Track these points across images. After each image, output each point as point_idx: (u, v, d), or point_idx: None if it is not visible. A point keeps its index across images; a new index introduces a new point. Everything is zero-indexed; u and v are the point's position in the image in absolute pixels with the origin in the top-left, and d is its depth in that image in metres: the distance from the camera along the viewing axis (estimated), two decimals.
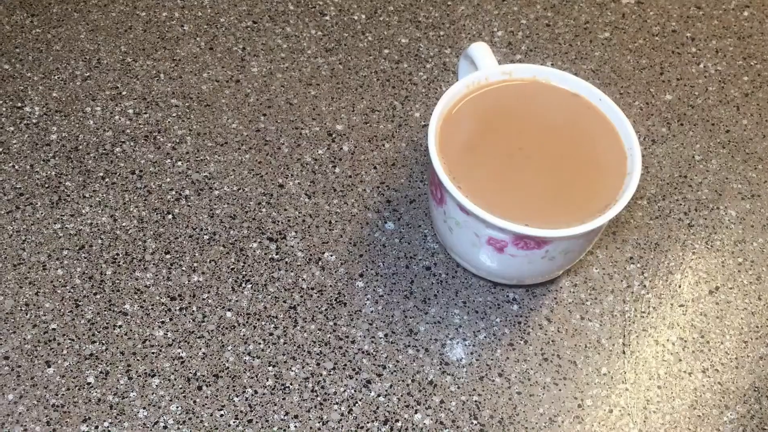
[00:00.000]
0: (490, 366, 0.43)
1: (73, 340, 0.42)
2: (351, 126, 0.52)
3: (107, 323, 0.43)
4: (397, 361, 0.43)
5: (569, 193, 0.40)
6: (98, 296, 0.44)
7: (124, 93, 0.52)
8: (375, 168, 0.50)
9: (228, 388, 0.42)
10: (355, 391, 0.42)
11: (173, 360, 0.42)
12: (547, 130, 0.42)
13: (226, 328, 0.43)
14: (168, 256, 0.45)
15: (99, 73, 0.53)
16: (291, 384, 0.42)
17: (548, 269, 0.42)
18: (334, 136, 0.51)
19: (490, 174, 0.40)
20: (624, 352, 0.44)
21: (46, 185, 0.48)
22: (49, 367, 0.41)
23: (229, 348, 0.43)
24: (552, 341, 0.44)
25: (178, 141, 0.50)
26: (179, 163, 0.49)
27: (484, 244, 0.40)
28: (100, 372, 0.42)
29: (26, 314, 0.43)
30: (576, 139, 0.42)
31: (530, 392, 0.43)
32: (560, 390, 0.43)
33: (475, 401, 0.42)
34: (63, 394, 0.41)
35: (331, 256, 0.46)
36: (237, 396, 0.41)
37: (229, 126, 0.51)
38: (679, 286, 0.47)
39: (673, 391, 0.43)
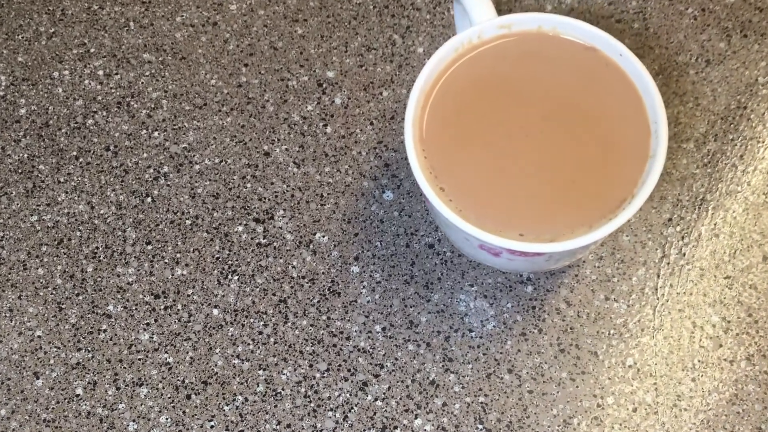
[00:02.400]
0: (499, 361, 0.39)
1: (59, 348, 0.41)
2: (344, 71, 0.45)
3: (92, 327, 0.41)
4: (396, 359, 0.39)
5: (577, 186, 0.33)
6: (81, 297, 0.42)
7: (92, 50, 0.46)
8: (371, 124, 0.44)
9: (217, 396, 0.39)
10: (350, 395, 0.39)
11: (160, 366, 0.40)
12: (554, 100, 0.34)
13: (213, 328, 0.41)
14: (149, 247, 0.42)
15: (64, 27, 0.47)
16: (282, 389, 0.39)
17: (556, 266, 0.36)
18: (324, 86, 0.45)
19: (481, 166, 0.34)
20: (654, 338, 0.39)
21: (20, 170, 0.44)
22: (37, 378, 0.40)
23: (217, 351, 0.40)
24: (570, 328, 0.39)
25: (153, 106, 0.45)
26: (156, 133, 0.44)
27: (477, 248, 0.34)
28: (88, 382, 0.40)
29: (11, 321, 0.41)
30: (588, 109, 0.34)
31: (543, 390, 0.38)
32: (577, 387, 0.38)
33: (481, 403, 0.38)
34: (53, 408, 0.40)
35: (323, 236, 0.42)
36: (227, 405, 0.39)
37: (208, 83, 0.45)
38: (726, 253, 0.40)
39: (709, 384, 0.38)
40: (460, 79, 0.35)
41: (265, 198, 0.43)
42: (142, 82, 0.46)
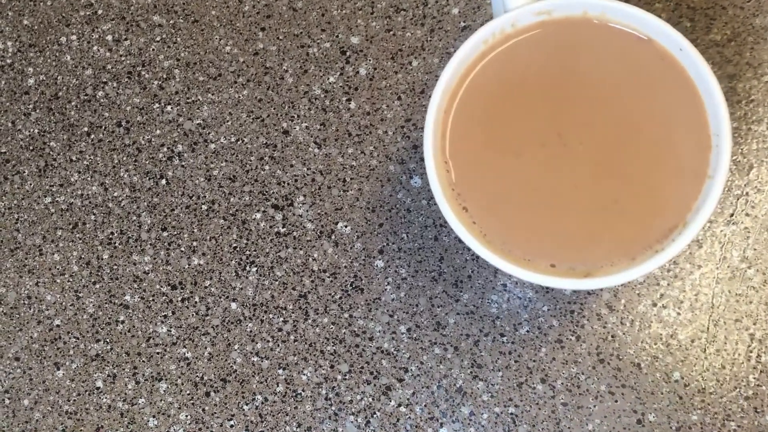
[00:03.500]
0: (532, 369, 0.36)
1: (77, 338, 0.40)
2: (369, 37, 0.40)
3: (109, 318, 0.40)
4: (421, 363, 0.37)
5: (619, 208, 0.29)
6: (97, 286, 0.40)
7: (99, 12, 0.43)
8: (399, 98, 0.39)
9: (237, 394, 0.38)
10: (373, 399, 0.37)
11: (179, 361, 0.39)
12: (599, 102, 0.30)
13: (232, 323, 0.39)
14: (165, 234, 0.40)
15: None
16: (303, 390, 0.38)
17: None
18: (348, 54, 0.40)
19: (511, 181, 0.30)
20: (705, 351, 0.35)
21: (31, 147, 0.42)
22: (58, 369, 0.40)
23: (236, 347, 0.39)
24: (612, 336, 0.36)
25: (165, 77, 0.41)
26: (168, 107, 0.41)
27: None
28: (108, 375, 0.39)
29: (29, 308, 0.40)
30: (638, 114, 0.29)
31: (579, 403, 0.36)
32: (617, 401, 0.35)
33: (511, 414, 0.36)
34: (75, 400, 0.39)
35: (346, 227, 0.39)
36: (246, 404, 0.38)
37: (222, 50, 0.41)
38: None
39: (764, 403, 0.34)
40: (490, 77, 0.30)
41: (284, 182, 0.40)
42: (153, 49, 0.42)
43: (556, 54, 0.30)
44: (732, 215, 0.36)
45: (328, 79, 0.40)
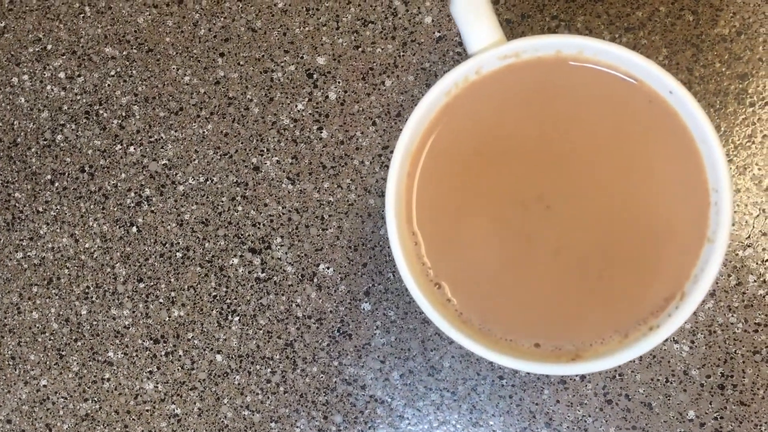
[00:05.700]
0: (535, 413, 0.34)
1: (65, 398, 0.39)
2: (336, 56, 0.36)
3: (95, 376, 0.38)
4: (418, 410, 0.35)
5: (607, 278, 0.26)
6: (79, 343, 0.39)
7: (49, 47, 0.40)
8: (374, 123, 0.36)
9: None
10: None
11: (169, 418, 0.37)
12: (582, 156, 0.26)
13: (219, 376, 0.37)
14: (142, 285, 0.38)
15: (14, 18, 0.40)
16: None
17: None
18: (315, 77, 0.37)
19: (487, 250, 0.27)
20: (722, 387, 0.32)
21: None
22: (50, 431, 0.39)
23: (225, 401, 0.37)
24: (620, 375, 0.33)
25: (124, 115, 0.39)
26: (131, 148, 0.38)
27: None
28: None
29: (15, 369, 0.39)
30: (627, 168, 0.26)
31: None
32: None
33: None
34: None
35: (328, 268, 0.36)
36: None
37: (181, 81, 0.38)
38: None
39: None
40: (458, 132, 0.27)
41: (259, 223, 0.37)
42: (109, 85, 0.39)
43: (530, 102, 0.26)
44: (748, 237, 0.32)
45: (296, 106, 0.37)
